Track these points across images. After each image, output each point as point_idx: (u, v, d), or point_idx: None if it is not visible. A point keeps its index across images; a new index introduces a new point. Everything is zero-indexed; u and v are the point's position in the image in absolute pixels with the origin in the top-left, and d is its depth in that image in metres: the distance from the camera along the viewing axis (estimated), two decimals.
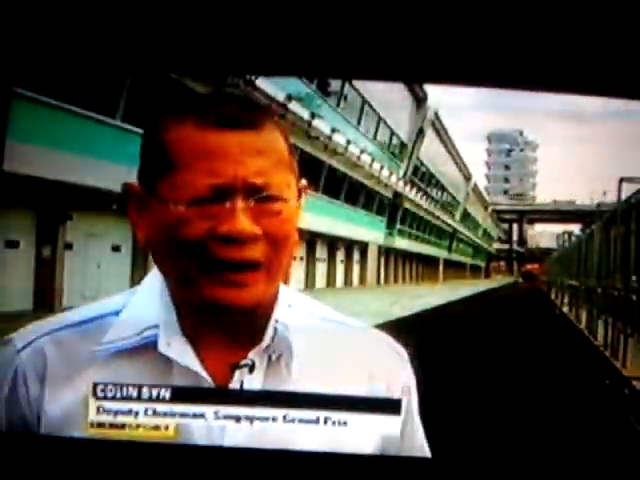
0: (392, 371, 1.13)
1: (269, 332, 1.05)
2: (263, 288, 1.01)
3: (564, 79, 1.08)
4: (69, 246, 15.98)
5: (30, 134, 11.15)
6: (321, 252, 31.59)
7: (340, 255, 34.00)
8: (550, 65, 1.06)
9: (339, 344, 1.11)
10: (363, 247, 36.25)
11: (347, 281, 34.32)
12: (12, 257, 14.54)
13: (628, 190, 12.57)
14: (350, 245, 34.61)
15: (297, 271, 27.72)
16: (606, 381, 8.86)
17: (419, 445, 1.15)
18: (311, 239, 29.31)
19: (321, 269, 31.67)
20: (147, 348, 1.04)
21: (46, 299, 14.67)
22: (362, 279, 36.19)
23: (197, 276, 0.99)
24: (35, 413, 1.05)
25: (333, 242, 32.21)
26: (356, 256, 35.91)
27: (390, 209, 38.53)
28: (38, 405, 1.05)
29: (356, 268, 35.93)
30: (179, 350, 1.03)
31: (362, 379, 1.11)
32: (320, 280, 30.92)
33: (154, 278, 1.08)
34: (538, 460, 4.84)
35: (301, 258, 28.97)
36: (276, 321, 1.05)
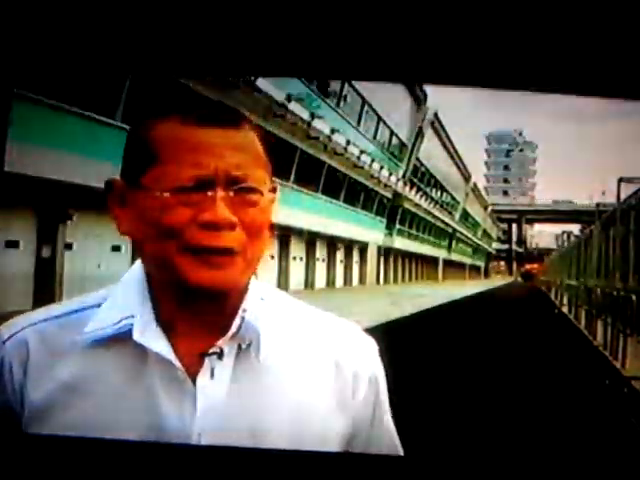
0: (359, 361, 1.16)
1: (236, 321, 1.09)
2: (238, 273, 1.06)
3: (564, 79, 1.08)
4: (69, 246, 16.00)
5: (30, 134, 11.16)
6: (321, 252, 31.62)
7: (340, 255, 34.03)
8: (550, 65, 1.06)
9: (308, 334, 1.15)
10: (363, 247, 36.31)
11: (347, 281, 34.36)
12: (12, 257, 14.55)
13: (627, 190, 12.58)
14: (350, 245, 34.64)
15: (297, 271, 27.76)
16: (605, 381, 8.87)
17: (388, 438, 1.19)
18: (311, 239, 29.33)
19: (321, 269, 31.71)
20: (123, 337, 1.08)
21: (46, 299, 14.69)
22: (362, 279, 36.23)
23: (177, 259, 1.04)
24: (19, 400, 1.10)
25: (333, 242, 32.25)
26: (356, 256, 35.95)
27: (390, 209, 38.57)
28: (21, 392, 1.10)
29: (356, 268, 35.98)
30: (153, 338, 1.07)
31: (329, 368, 1.14)
32: (320, 280, 30.96)
33: (134, 271, 1.14)
34: (538, 459, 4.84)
35: (301, 258, 29.01)
36: (244, 310, 1.09)
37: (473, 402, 6.64)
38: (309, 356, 1.14)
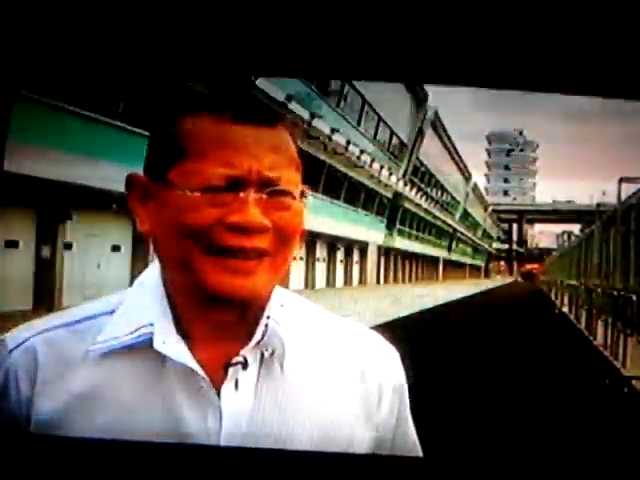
0: (384, 370, 1.12)
1: (260, 328, 1.03)
2: (266, 279, 1.01)
3: (564, 79, 1.08)
4: (69, 246, 16.00)
5: (30, 134, 11.16)
6: (321, 252, 31.63)
7: (340, 255, 34.04)
8: (550, 65, 1.06)
9: (331, 343, 1.11)
10: (363, 247, 36.32)
11: (347, 281, 34.36)
12: (12, 257, 14.55)
13: (628, 190, 12.60)
14: (350, 245, 34.65)
15: (297, 271, 27.77)
16: (605, 381, 8.88)
17: (411, 444, 1.16)
18: (311, 239, 29.33)
19: (321, 269, 31.72)
20: (141, 346, 1.02)
21: (46, 299, 14.69)
22: (362, 279, 36.25)
23: (200, 262, 0.99)
24: (25, 413, 1.04)
25: (333, 242, 32.25)
26: (356, 256, 35.96)
27: (390, 209, 38.59)
28: (28, 405, 1.04)
29: (356, 268, 36.00)
30: (174, 347, 1.02)
31: (354, 377, 1.09)
32: (320, 280, 30.98)
33: (148, 276, 1.08)
34: (537, 459, 4.84)
35: (301, 258, 29.01)
36: (268, 317, 1.04)
37: (473, 401, 6.64)
38: (334, 366, 1.10)
